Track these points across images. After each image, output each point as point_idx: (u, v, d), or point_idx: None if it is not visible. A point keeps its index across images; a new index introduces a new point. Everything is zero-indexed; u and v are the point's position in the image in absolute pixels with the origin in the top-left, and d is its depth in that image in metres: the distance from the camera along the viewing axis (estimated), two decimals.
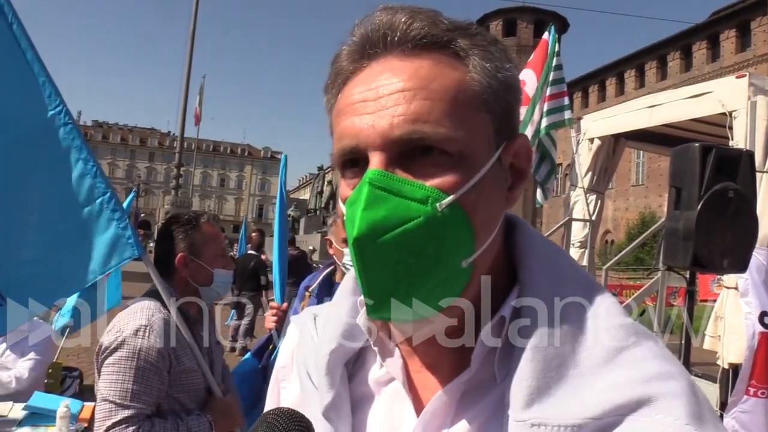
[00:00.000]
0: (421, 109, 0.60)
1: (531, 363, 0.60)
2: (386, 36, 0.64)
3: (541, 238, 0.73)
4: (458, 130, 0.61)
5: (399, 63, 0.63)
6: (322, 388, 0.71)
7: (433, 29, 0.63)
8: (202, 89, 27.07)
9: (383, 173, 0.60)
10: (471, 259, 0.63)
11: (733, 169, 3.36)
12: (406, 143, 0.61)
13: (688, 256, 3.28)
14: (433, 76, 0.62)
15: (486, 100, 0.64)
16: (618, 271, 21.07)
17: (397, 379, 0.71)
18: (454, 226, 0.61)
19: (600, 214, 6.68)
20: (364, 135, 0.62)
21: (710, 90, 4.93)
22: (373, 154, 0.61)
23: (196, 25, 19.36)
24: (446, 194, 0.60)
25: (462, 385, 0.67)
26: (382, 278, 0.61)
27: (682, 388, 0.57)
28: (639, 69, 40.58)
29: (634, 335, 0.62)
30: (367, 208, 0.59)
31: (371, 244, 0.59)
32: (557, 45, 6.54)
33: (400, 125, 0.60)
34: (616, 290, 12.98)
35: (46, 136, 2.12)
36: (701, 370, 4.94)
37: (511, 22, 47.26)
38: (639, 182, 39.80)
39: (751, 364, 4.00)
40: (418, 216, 0.59)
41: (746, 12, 33.16)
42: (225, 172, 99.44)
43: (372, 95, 0.63)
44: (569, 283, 0.67)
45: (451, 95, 0.62)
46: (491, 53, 0.66)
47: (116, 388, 1.92)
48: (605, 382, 0.58)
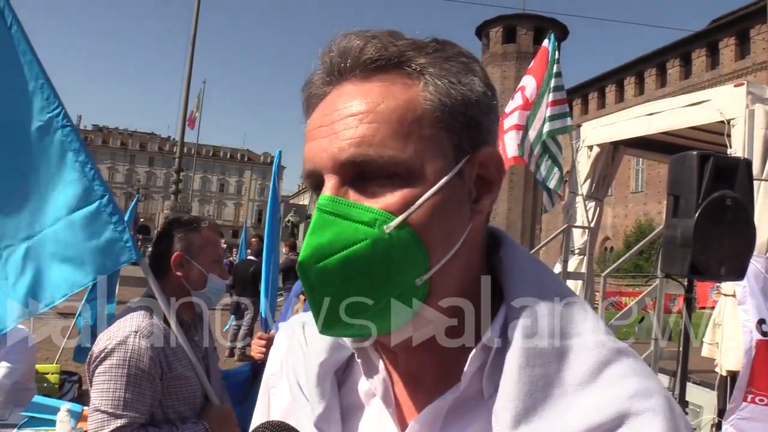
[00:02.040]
0: (367, 132, 0.62)
1: (518, 384, 0.61)
2: (340, 63, 0.66)
3: (525, 254, 0.73)
4: (405, 151, 0.62)
5: (352, 88, 0.65)
6: (313, 398, 0.72)
7: (383, 52, 0.65)
8: (200, 94, 27.08)
9: (332, 198, 0.63)
10: (426, 276, 0.63)
11: (730, 177, 3.38)
12: (353, 166, 0.63)
13: (686, 264, 3.29)
14: (381, 98, 0.64)
15: (440, 117, 0.65)
16: (617, 278, 21.05)
17: (378, 395, 0.72)
18: (403, 246, 0.62)
19: (599, 221, 6.69)
20: (318, 158, 0.65)
21: (708, 98, 4.95)
22: (328, 178, 0.64)
23: (196, 30, 19.41)
24: (394, 216, 0.62)
25: (449, 402, 0.67)
26: (328, 299, 0.63)
27: (659, 405, 0.59)
28: (638, 76, 40.63)
29: (614, 353, 0.64)
30: (313, 233, 0.62)
31: (314, 268, 0.61)
32: (557, 52, 6.56)
33: (346, 149, 0.63)
34: (615, 297, 12.97)
35: (44, 138, 2.12)
36: (699, 377, 4.95)
37: (511, 29, 47.35)
38: (638, 189, 39.80)
39: (748, 371, 4.00)
40: (365, 238, 0.61)
41: (745, 20, 33.23)
42: (224, 177, 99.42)
43: (327, 121, 0.65)
44: (554, 300, 0.68)
45: (397, 116, 0.63)
46: (446, 69, 0.66)
47: (108, 397, 1.89)
48: (587, 401, 0.60)
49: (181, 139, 20.18)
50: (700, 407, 4.81)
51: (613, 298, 12.26)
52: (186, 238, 2.23)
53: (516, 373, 0.62)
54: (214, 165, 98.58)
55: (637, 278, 21.66)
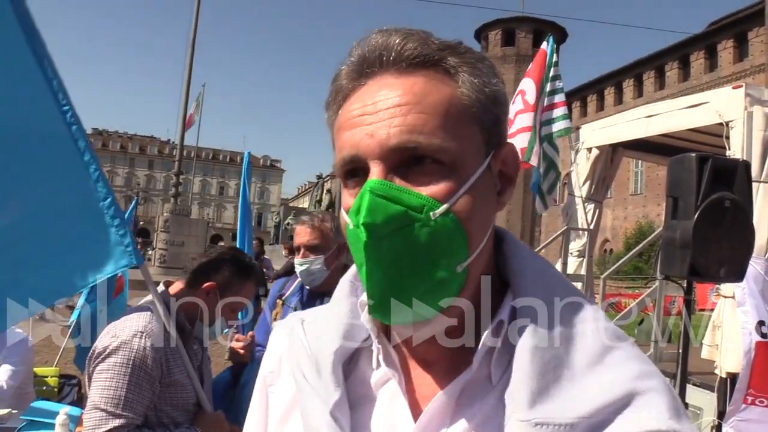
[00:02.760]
0: (417, 121, 0.65)
1: (531, 365, 0.64)
2: (382, 56, 0.68)
3: (527, 249, 0.78)
4: (450, 141, 0.65)
5: (394, 80, 0.68)
6: (328, 386, 0.73)
7: (425, 49, 0.68)
8: (199, 98, 27.07)
9: (383, 182, 0.64)
10: (466, 263, 0.67)
11: (729, 178, 3.38)
12: (402, 152, 0.65)
13: (685, 266, 3.30)
14: (427, 91, 0.67)
15: (475, 113, 0.69)
16: (617, 280, 21.07)
17: (394, 379, 0.74)
18: (449, 233, 0.65)
19: (598, 224, 6.70)
20: (363, 144, 0.66)
21: (707, 100, 4.96)
22: (373, 164, 0.65)
23: (196, 33, 19.43)
24: (440, 203, 0.65)
25: (461, 385, 0.70)
26: (384, 278, 0.65)
27: (660, 386, 0.64)
28: (637, 79, 40.73)
29: (616, 338, 0.69)
30: (369, 215, 0.63)
31: (375, 244, 0.63)
32: (555, 55, 6.57)
33: (396, 135, 0.65)
34: (615, 299, 12.96)
35: (51, 134, 2.10)
36: (699, 379, 4.94)
37: (510, 32, 47.45)
38: (638, 191, 39.85)
39: (748, 372, 4.00)
40: (413, 222, 0.64)
41: (744, 22, 33.33)
42: (224, 180, 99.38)
43: (370, 109, 0.67)
44: (557, 289, 0.72)
45: (443, 109, 0.66)
46: (479, 69, 0.70)
47: (108, 395, 1.88)
48: (594, 382, 0.64)
49: (180, 142, 20.18)
50: (700, 409, 4.81)
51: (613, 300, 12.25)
52: (231, 278, 2.25)
53: (528, 354, 0.65)
54: (214, 168, 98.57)
55: (637, 280, 21.67)
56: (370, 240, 0.63)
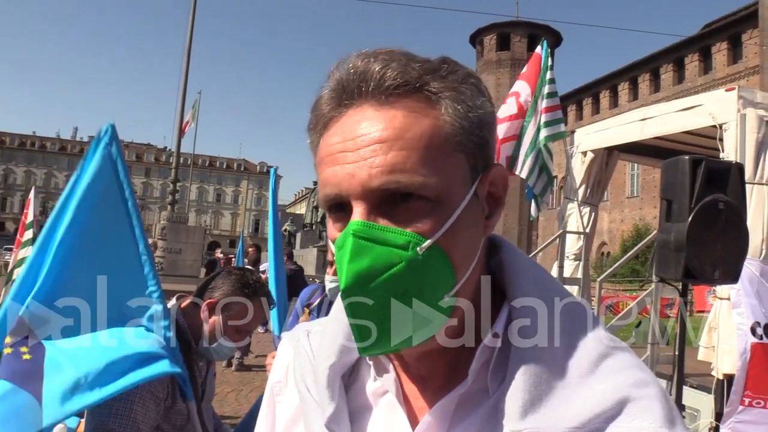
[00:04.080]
0: (397, 159, 0.64)
1: (524, 376, 0.65)
2: (360, 87, 0.67)
3: (524, 257, 0.77)
4: (433, 176, 0.65)
5: (374, 113, 0.66)
6: (324, 401, 0.74)
7: (405, 77, 0.66)
8: (196, 105, 27.03)
9: (365, 224, 0.64)
10: (453, 291, 0.67)
11: (723, 181, 3.39)
12: (384, 192, 0.64)
13: (680, 268, 3.30)
14: (408, 125, 0.65)
15: (459, 141, 0.68)
16: (614, 282, 21.08)
17: (391, 392, 0.75)
18: (435, 266, 0.65)
19: (594, 227, 6.70)
20: (345, 184, 0.66)
21: (701, 103, 4.97)
22: (356, 204, 0.65)
23: (192, 40, 19.42)
24: (425, 238, 0.64)
25: (457, 398, 0.71)
26: (370, 321, 0.65)
27: (655, 394, 0.64)
28: (632, 82, 40.82)
29: (611, 347, 0.68)
30: (352, 260, 0.63)
31: (359, 293, 0.64)
32: (550, 59, 6.60)
33: (377, 176, 0.64)
34: (612, 301, 12.97)
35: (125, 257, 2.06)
36: (696, 380, 4.94)
37: (504, 36, 47.55)
38: (634, 194, 39.90)
39: (744, 374, 4.01)
40: (400, 261, 0.63)
41: (737, 25, 33.45)
42: (221, 187, 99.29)
43: (351, 146, 0.66)
44: (554, 298, 0.72)
45: (425, 143, 0.65)
46: (462, 93, 0.69)
47: (121, 415, 1.85)
48: (587, 392, 0.64)
49: (177, 150, 20.14)
50: (697, 411, 4.81)
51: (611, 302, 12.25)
52: (233, 295, 2.20)
53: (522, 367, 0.66)
54: (211, 175, 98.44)
55: (634, 282, 21.68)
56: (352, 295, 0.64)
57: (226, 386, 8.09)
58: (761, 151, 4.48)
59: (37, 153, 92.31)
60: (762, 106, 4.61)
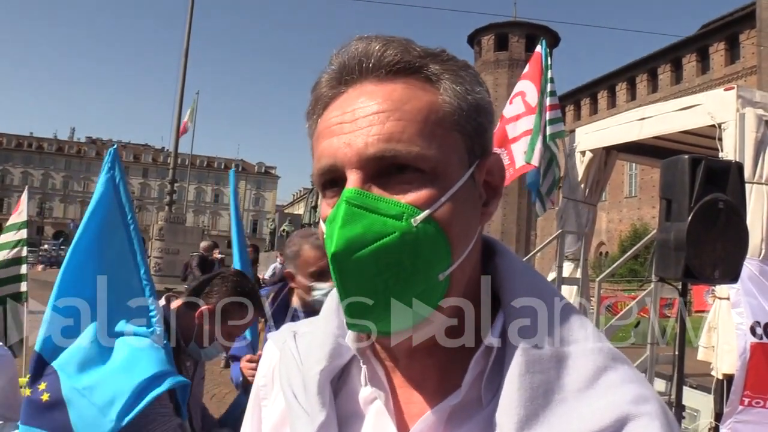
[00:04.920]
0: (395, 128, 0.63)
1: (519, 391, 0.62)
2: (361, 63, 0.67)
3: (520, 263, 0.75)
4: (430, 149, 0.64)
5: (374, 87, 0.67)
6: (314, 407, 0.72)
7: (405, 56, 0.67)
8: (193, 105, 27.05)
9: (359, 191, 0.63)
10: (448, 271, 0.65)
11: (722, 180, 3.39)
12: (380, 161, 0.63)
13: (680, 268, 3.30)
14: (406, 98, 0.65)
15: (457, 120, 0.67)
16: (612, 282, 21.10)
17: (380, 399, 0.72)
18: (430, 240, 0.63)
19: (593, 226, 6.70)
20: (341, 153, 0.65)
21: (699, 102, 4.97)
22: (350, 173, 0.64)
23: (189, 40, 19.42)
24: (420, 210, 0.63)
25: (449, 408, 0.68)
26: (360, 291, 0.63)
27: (655, 411, 0.62)
28: (630, 82, 40.87)
29: (611, 359, 0.66)
30: (344, 225, 0.61)
31: (349, 260, 0.62)
32: (549, 58, 6.60)
33: (374, 144, 0.63)
34: (611, 301, 12.97)
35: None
36: (696, 380, 4.94)
37: (502, 36, 47.58)
38: (632, 194, 39.95)
39: (743, 374, 4.01)
40: (393, 231, 0.62)
41: (735, 25, 33.52)
42: (219, 187, 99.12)
43: (348, 117, 0.66)
44: (549, 306, 0.69)
45: (423, 116, 0.65)
46: (461, 77, 0.69)
47: None
48: (586, 407, 0.62)
49: (175, 150, 20.16)
50: (697, 411, 4.81)
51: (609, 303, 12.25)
52: (231, 305, 2.20)
53: (516, 379, 0.63)
54: (209, 175, 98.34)
55: (633, 282, 21.70)
56: (343, 261, 0.62)
57: (224, 387, 8.07)
58: (760, 151, 4.49)
59: (35, 154, 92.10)
60: (761, 105, 4.62)
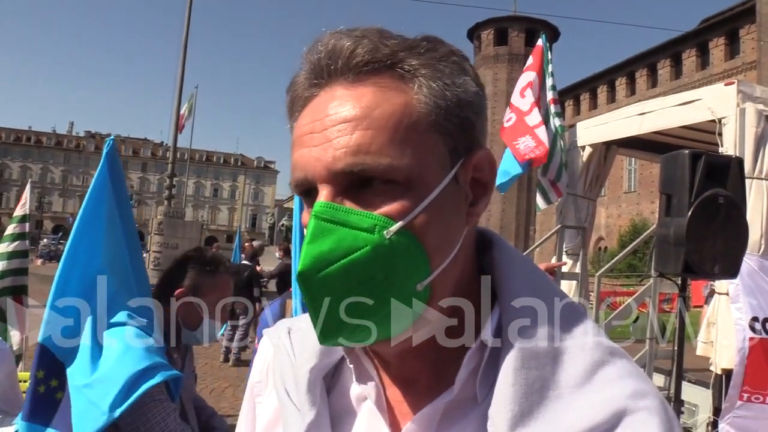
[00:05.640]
0: (362, 140, 0.60)
1: (513, 387, 0.61)
2: (330, 65, 0.64)
3: (517, 254, 0.73)
4: (402, 158, 0.61)
5: (344, 91, 0.63)
6: (304, 405, 0.71)
7: (376, 54, 0.63)
8: (192, 99, 26.93)
9: (328, 204, 0.61)
10: (427, 281, 0.63)
11: (722, 175, 3.39)
12: (349, 175, 0.61)
13: (679, 263, 3.30)
14: (376, 103, 0.62)
15: (435, 121, 0.63)
16: (611, 278, 21.12)
17: (370, 399, 0.71)
18: (405, 252, 0.61)
19: (592, 222, 6.70)
20: (311, 167, 0.63)
21: (699, 97, 4.96)
22: (321, 187, 0.62)
23: (188, 34, 19.33)
24: (394, 221, 0.60)
25: (443, 405, 0.67)
26: (330, 308, 0.61)
27: (654, 406, 0.60)
28: (630, 77, 40.81)
29: (608, 354, 0.64)
30: (312, 242, 0.60)
31: (315, 277, 0.60)
32: (549, 53, 6.58)
33: (341, 158, 0.60)
34: (611, 297, 13.00)
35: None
36: (695, 376, 4.95)
37: (502, 31, 47.46)
38: (631, 189, 39.95)
39: (742, 369, 4.01)
40: (365, 245, 0.60)
41: (735, 20, 33.46)
42: (218, 182, 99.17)
43: (318, 126, 0.63)
44: (547, 300, 0.68)
45: (393, 122, 0.61)
46: (439, 71, 0.64)
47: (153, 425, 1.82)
48: (583, 402, 0.60)
49: (174, 144, 20.09)
50: (695, 406, 4.81)
51: (609, 299, 12.28)
52: (198, 277, 2.20)
53: (511, 375, 0.61)
54: (208, 170, 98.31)
55: (632, 278, 21.74)
56: (309, 278, 0.60)
57: (223, 381, 8.09)
58: (760, 146, 4.47)
59: (33, 148, 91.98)
60: (761, 100, 4.60)
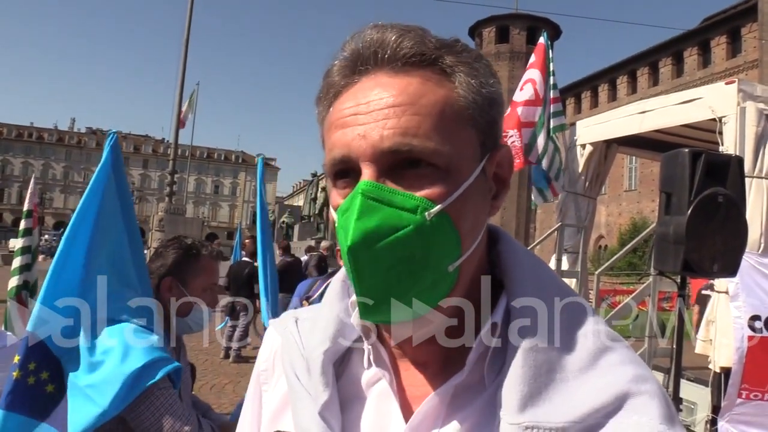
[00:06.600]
0: (410, 123, 0.64)
1: (522, 369, 0.64)
2: (377, 53, 0.67)
3: (522, 249, 0.77)
4: (445, 144, 0.64)
5: (389, 79, 0.66)
6: (318, 387, 0.72)
7: (421, 47, 0.67)
8: (193, 96, 26.95)
9: (375, 184, 0.63)
10: (457, 263, 0.66)
11: (722, 174, 3.39)
12: (395, 155, 0.64)
13: (679, 261, 3.30)
14: (422, 92, 0.65)
15: (471, 115, 0.68)
16: (611, 276, 21.12)
17: (385, 379, 0.73)
18: (442, 234, 0.64)
19: (592, 220, 6.70)
20: (355, 145, 0.65)
21: (700, 96, 4.96)
22: (365, 165, 0.64)
23: (190, 31, 19.33)
24: (434, 204, 0.64)
25: (453, 388, 0.69)
26: (375, 283, 0.64)
27: (654, 391, 0.63)
28: (631, 75, 40.73)
29: (610, 341, 0.68)
30: (360, 218, 0.62)
31: (364, 252, 0.62)
32: (551, 51, 6.58)
33: (390, 137, 0.63)
34: (610, 295, 12.99)
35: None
36: (693, 374, 4.96)
37: (504, 29, 47.29)
38: (632, 187, 39.90)
39: (741, 367, 4.02)
40: (408, 224, 0.63)
41: (737, 18, 33.37)
42: (219, 178, 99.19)
43: (363, 109, 0.65)
44: (550, 291, 0.71)
45: (438, 111, 0.65)
46: (476, 69, 0.69)
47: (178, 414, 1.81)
48: (587, 386, 0.63)
49: (175, 141, 20.11)
50: (694, 404, 4.82)
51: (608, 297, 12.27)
52: (182, 263, 2.16)
53: (520, 359, 0.64)
54: (209, 167, 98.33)
55: (632, 276, 21.73)
56: (358, 253, 0.62)
57: (223, 378, 8.10)
58: (761, 145, 4.48)
59: (35, 144, 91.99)
60: (762, 99, 4.61)
